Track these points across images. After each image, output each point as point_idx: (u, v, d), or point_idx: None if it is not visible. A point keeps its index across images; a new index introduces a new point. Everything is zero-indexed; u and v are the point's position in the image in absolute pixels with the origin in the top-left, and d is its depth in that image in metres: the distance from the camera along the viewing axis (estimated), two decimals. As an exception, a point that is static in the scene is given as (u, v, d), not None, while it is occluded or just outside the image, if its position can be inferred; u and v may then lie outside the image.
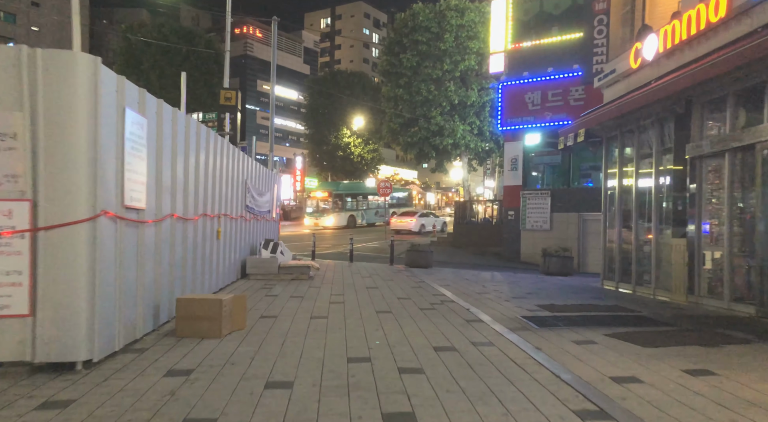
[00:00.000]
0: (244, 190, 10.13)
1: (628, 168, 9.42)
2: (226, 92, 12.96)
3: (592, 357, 4.54)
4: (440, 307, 7.05)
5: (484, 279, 11.05)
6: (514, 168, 19.17)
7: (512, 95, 19.01)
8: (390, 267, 13.81)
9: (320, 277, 10.66)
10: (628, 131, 9.27)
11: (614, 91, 9.69)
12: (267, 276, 10.10)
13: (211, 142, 7.53)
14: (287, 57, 64.83)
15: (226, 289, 8.51)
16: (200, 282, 7.13)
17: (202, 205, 7.12)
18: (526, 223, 18.52)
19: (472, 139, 26.12)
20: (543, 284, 10.36)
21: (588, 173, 20.01)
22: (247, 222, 10.56)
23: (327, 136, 48.67)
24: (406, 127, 27.33)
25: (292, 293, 8.29)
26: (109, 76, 4.41)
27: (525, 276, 12.26)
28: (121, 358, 4.41)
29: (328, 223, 32.70)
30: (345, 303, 7.33)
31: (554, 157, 18.87)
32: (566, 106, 17.77)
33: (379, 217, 36.76)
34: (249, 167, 10.62)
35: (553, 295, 8.48)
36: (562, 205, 17.94)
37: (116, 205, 4.53)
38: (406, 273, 12.03)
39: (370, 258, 18.42)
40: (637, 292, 8.90)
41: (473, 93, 25.54)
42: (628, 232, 9.46)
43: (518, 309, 6.95)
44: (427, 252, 14.64)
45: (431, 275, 11.85)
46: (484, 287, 9.53)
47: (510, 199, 19.15)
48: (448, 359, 4.46)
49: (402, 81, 26.66)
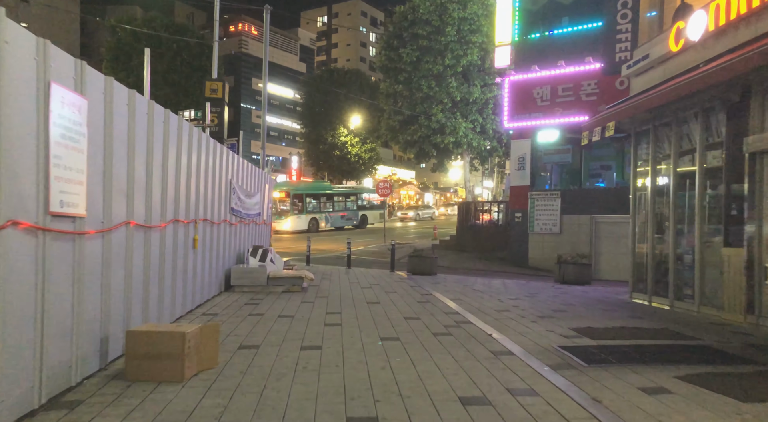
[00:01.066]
0: (228, 191, 8.98)
1: (663, 166, 8.31)
2: (211, 83, 11.79)
3: (678, 419, 3.40)
4: (456, 332, 5.92)
5: (496, 290, 9.93)
6: (521, 167, 18.07)
7: (519, 90, 17.90)
8: (391, 275, 12.68)
9: (315, 289, 9.50)
10: (664, 124, 8.16)
11: (647, 79, 8.58)
12: (254, 289, 8.94)
13: (185, 135, 6.38)
14: (283, 54, 63.63)
15: (204, 306, 7.36)
16: (169, 302, 5.97)
17: (172, 209, 5.97)
18: (534, 226, 17.42)
19: (475, 137, 25.01)
20: (565, 297, 9.23)
21: (598, 173, 18.95)
22: (233, 228, 9.40)
23: (323, 135, 47.52)
24: (405, 124, 26.19)
25: (281, 311, 7.13)
26: (22, 35, 3.25)
27: (540, 286, 11.14)
28: (41, 419, 3.26)
29: (284, 227, 29.40)
30: (343, 325, 6.18)
31: (564, 156, 17.78)
32: (578, 102, 16.67)
33: (347, 221, 33.92)
34: (235, 165, 9.46)
35: (583, 313, 7.35)
36: (573, 207, 16.85)
37: (36, 212, 3.37)
38: (409, 282, 10.90)
39: (368, 263, 17.27)
40: (676, 308, 7.79)
41: (476, 89, 24.42)
42: (662, 238, 8.35)
43: (551, 334, 5.82)
44: (431, 259, 13.51)
45: (437, 285, 10.72)
46: (500, 301, 8.40)
47: (517, 200, 18.05)
48: (482, 420, 3.33)
49: (401, 77, 25.52)
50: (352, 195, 35.14)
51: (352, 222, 34.40)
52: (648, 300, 8.51)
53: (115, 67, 34.09)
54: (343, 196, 34.34)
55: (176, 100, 34.32)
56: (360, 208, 34.97)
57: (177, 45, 35.15)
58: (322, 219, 32.01)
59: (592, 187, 17.63)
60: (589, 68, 16.36)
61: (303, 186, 33.34)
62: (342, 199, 34.16)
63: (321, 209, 32.27)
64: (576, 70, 16.65)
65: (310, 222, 30.76)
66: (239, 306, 7.41)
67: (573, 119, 16.75)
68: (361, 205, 35.36)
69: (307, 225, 30.61)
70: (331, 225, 32.71)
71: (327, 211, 32.67)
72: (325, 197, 32.89)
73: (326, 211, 32.62)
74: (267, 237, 13.48)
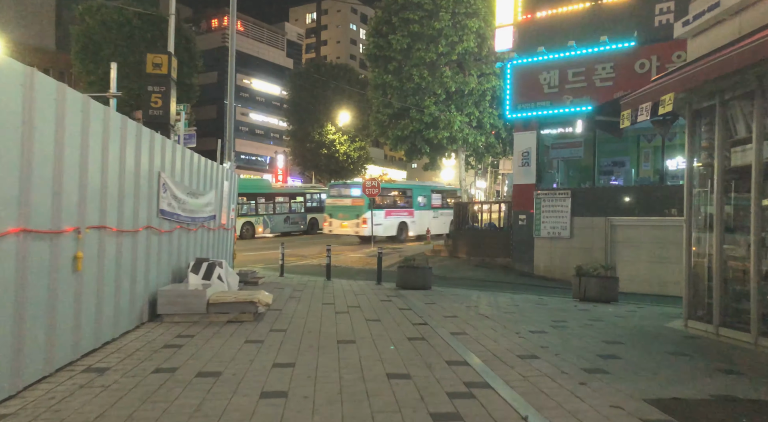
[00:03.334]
0: (156, 189, 6.73)
1: (737, 152, 6.19)
2: (154, 56, 9.50)
3: None
4: (469, 410, 3.71)
5: (508, 313, 7.76)
6: (525, 163, 15.94)
7: (524, 76, 15.79)
8: (377, 289, 10.49)
9: (274, 315, 7.26)
10: (740, 97, 6.03)
11: (713, 37, 6.46)
12: (190, 318, 6.68)
13: (52, 103, 4.15)
14: (269, 50, 61.26)
15: (102, 351, 5.10)
16: (10, 356, 3.73)
17: (14, 212, 3.74)
18: (540, 230, 15.31)
19: (471, 132, 22.84)
20: (602, 327, 7.05)
21: (609, 170, 16.87)
22: (164, 236, 7.14)
23: (310, 133, 45.22)
24: (395, 118, 23.95)
25: (207, 361, 4.88)
26: None
27: (560, 307, 8.96)
28: None
29: None
30: (290, 396, 3.95)
31: (575, 150, 15.66)
32: (590, 88, 14.58)
33: (292, 225, 30.26)
34: (170, 156, 7.22)
35: (645, 363, 5.12)
36: (585, 208, 14.76)
37: None
38: (398, 302, 8.69)
39: (353, 273, 15.06)
40: (762, 347, 5.66)
41: (472, 79, 22.25)
42: (736, 249, 6.22)
43: (620, 416, 3.64)
44: (424, 270, 11.32)
45: (433, 306, 8.52)
46: (519, 336, 6.20)
47: (521, 201, 15.92)
48: None
49: (391, 66, 23.29)
50: (299, 195, 31.16)
51: (299, 226, 30.59)
52: (714, 332, 6.37)
53: (83, 59, 31.62)
54: (287, 197, 30.36)
55: (150, 93, 31.81)
56: (309, 211, 30.92)
57: (151, 35, 32.80)
58: (260, 224, 28.17)
59: (607, 184, 15.54)
60: (605, 49, 14.28)
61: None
62: (286, 199, 30.19)
63: (258, 211, 28.38)
64: (589, 52, 14.56)
65: (243, 227, 26.96)
66: (151, 352, 5.15)
67: (585, 108, 14.66)
68: (311, 207, 31.33)
69: (239, 230, 26.54)
70: (271, 230, 28.80)
71: (266, 214, 28.81)
72: (263, 198, 28.89)
73: (265, 214, 28.75)
74: (227, 246, 11.22)
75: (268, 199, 29.43)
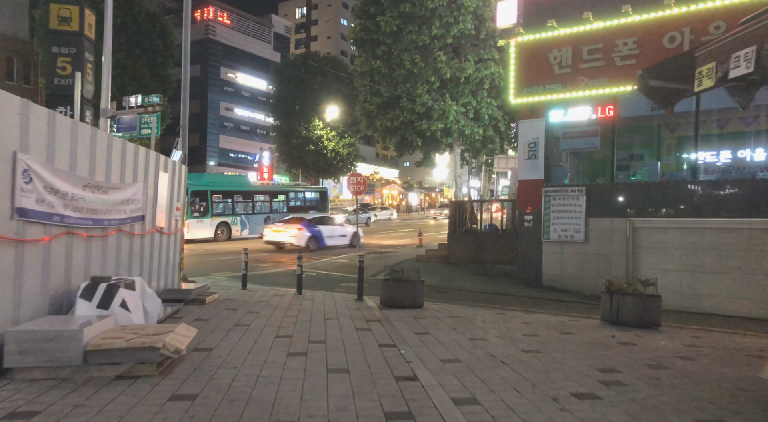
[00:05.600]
0: (11, 178, 4.46)
1: None
2: (60, 8, 7.20)
3: None
4: None
5: (530, 352, 5.56)
6: (531, 155, 13.76)
7: (531, 54, 13.61)
8: (356, 309, 8.29)
9: (193, 363, 4.99)
10: None
11: None
12: (57, 373, 4.39)
13: None
14: (255, 42, 58.82)
15: None
16: None
17: None
18: (550, 232, 13.16)
19: (467, 124, 20.63)
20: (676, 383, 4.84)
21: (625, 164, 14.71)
22: (34, 246, 4.87)
23: (297, 129, 42.90)
24: (384, 108, 21.70)
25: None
26: None
27: (594, 338, 6.75)
28: None
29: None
30: None
31: (590, 140, 13.50)
32: (609, 67, 12.43)
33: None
34: (46, 133, 4.95)
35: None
36: (602, 208, 12.65)
37: None
38: (381, 332, 6.46)
39: (332, 281, 12.83)
40: None
41: (469, 65, 20.05)
42: None
43: None
44: (415, 285, 9.11)
45: (425, 337, 6.29)
46: (558, 405, 3.98)
47: (526, 199, 13.75)
48: None
49: (379, 50, 21.01)
50: (282, 193, 28.77)
51: None
52: None
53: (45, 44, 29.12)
54: (268, 195, 27.87)
55: (121, 83, 29.52)
56: (293, 210, 28.16)
57: (122, 20, 30.35)
58: (237, 224, 25.57)
59: (628, 180, 13.41)
60: (627, 21, 12.14)
61: (208, 180, 26.02)
62: (267, 198, 27.68)
63: (235, 211, 25.82)
64: (608, 24, 12.41)
65: (217, 228, 24.52)
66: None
67: (603, 90, 12.54)
68: (295, 207, 28.80)
69: (213, 232, 24.33)
70: (250, 231, 26.04)
71: (244, 214, 26.16)
72: (240, 196, 26.37)
73: (243, 214, 26.11)
74: (167, 256, 8.91)
75: (247, 197, 26.88)
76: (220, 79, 55.26)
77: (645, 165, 14.09)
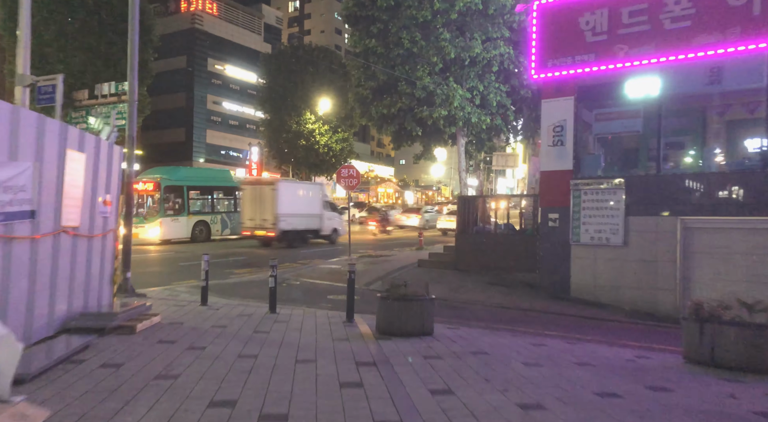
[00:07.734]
0: None
1: None
2: None
3: None
4: None
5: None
6: (558, 141, 11.43)
7: (557, 20, 11.29)
8: (342, 341, 5.96)
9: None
10: None
11: None
12: None
13: None
14: (244, 33, 56.27)
15: None
16: None
17: None
18: (580, 234, 10.88)
19: (474, 111, 18.29)
20: None
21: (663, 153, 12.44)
22: None
23: (287, 122, 40.46)
24: (380, 93, 19.31)
25: None
26: None
27: (701, 400, 4.43)
28: None
29: (151, 234, 20.32)
30: None
31: (630, 122, 11.24)
32: (656, 32, 10.13)
33: None
34: None
35: None
36: (645, 204, 10.40)
37: None
38: (377, 392, 4.08)
39: (318, 292, 10.47)
40: None
41: (476, 43, 17.68)
42: None
43: None
44: (423, 304, 6.78)
45: (449, 398, 3.93)
46: None
47: (551, 194, 11.44)
48: None
49: (375, 28, 18.60)
50: None
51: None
52: None
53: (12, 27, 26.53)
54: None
55: (94, 69, 27.03)
56: None
57: (94, 2, 27.87)
58: (216, 223, 23.22)
59: (677, 171, 11.14)
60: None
61: (184, 174, 23.54)
62: None
63: (215, 209, 23.64)
64: (655, -21, 10.12)
65: (195, 227, 22.15)
66: None
67: (648, 61, 10.28)
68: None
69: (189, 231, 21.88)
70: (231, 231, 23.55)
71: (225, 212, 23.87)
72: (221, 192, 24.11)
73: (224, 212, 23.83)
74: (89, 267, 6.50)
75: (228, 193, 24.42)
76: (207, 71, 52.67)
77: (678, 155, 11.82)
